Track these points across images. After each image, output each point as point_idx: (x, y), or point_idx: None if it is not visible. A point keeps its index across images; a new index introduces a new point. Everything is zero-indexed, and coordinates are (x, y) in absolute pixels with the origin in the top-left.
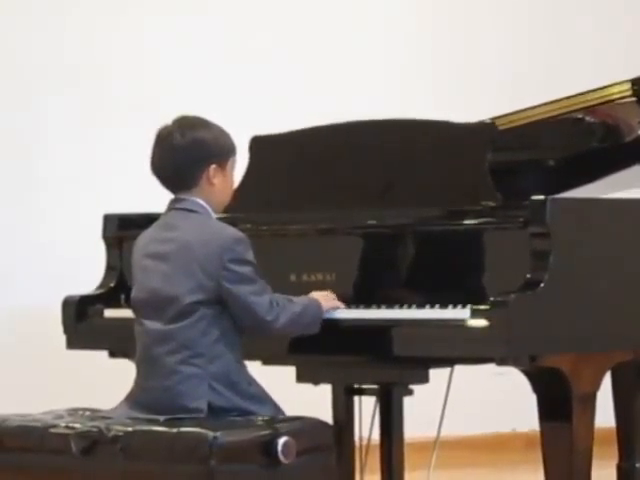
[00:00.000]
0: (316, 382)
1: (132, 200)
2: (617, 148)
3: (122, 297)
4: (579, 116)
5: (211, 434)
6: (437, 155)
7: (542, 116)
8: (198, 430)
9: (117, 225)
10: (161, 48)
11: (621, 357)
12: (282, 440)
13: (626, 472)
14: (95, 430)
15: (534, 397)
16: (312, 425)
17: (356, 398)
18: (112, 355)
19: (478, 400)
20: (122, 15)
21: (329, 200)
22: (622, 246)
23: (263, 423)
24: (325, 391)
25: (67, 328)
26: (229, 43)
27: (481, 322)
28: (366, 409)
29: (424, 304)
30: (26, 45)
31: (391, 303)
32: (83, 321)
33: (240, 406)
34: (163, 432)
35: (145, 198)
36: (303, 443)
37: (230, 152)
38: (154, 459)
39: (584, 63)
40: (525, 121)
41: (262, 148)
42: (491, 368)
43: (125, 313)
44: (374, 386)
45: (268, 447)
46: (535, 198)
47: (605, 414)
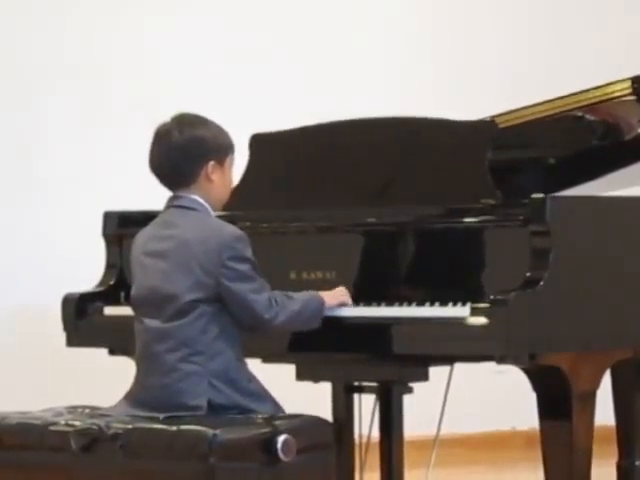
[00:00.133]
0: (316, 380)
1: (132, 200)
2: (617, 146)
3: (122, 295)
4: (579, 114)
5: (211, 432)
6: (437, 153)
7: (542, 114)
8: (198, 428)
9: (117, 222)
10: (161, 48)
11: (621, 355)
12: (282, 438)
13: (626, 470)
14: (95, 428)
15: (534, 395)
16: (312, 423)
17: (356, 396)
18: (112, 353)
19: (478, 398)
20: (122, 15)
21: (329, 198)
22: (622, 244)
23: (263, 421)
24: (325, 389)
25: (67, 326)
26: (229, 43)
27: (481, 320)
28: (366, 407)
29: (424, 302)
30: (26, 45)
31: (391, 301)
32: (83, 319)
33: (240, 403)
34: (163, 430)
35: (145, 198)
36: (303, 441)
37: (229, 149)
38: (154, 457)
39: (584, 63)
40: (525, 119)
41: (262, 146)
42: (491, 366)
43: (125, 311)
44: (374, 384)
45: (268, 445)
46: (535, 196)
47: (605, 412)
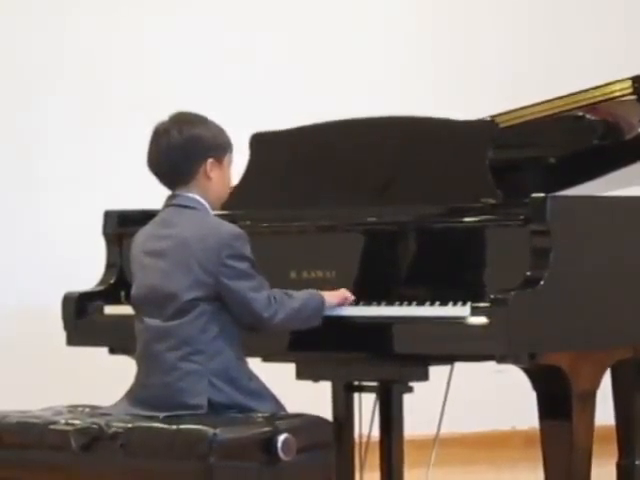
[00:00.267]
0: (316, 379)
1: (132, 200)
2: (617, 146)
3: (122, 294)
4: (580, 114)
5: (211, 431)
6: (438, 152)
7: (542, 114)
8: (198, 427)
9: (117, 222)
10: (161, 48)
11: (621, 355)
12: (282, 437)
13: (626, 470)
14: (95, 427)
15: (534, 395)
16: (312, 422)
17: (356, 395)
18: (112, 352)
19: (478, 398)
20: (122, 15)
21: (329, 197)
22: (622, 244)
23: (263, 420)
24: (325, 388)
25: (67, 325)
26: (229, 43)
27: (481, 320)
28: (366, 406)
29: (424, 301)
30: (26, 45)
31: (391, 300)
32: (83, 318)
33: (240, 402)
34: (163, 429)
35: (145, 198)
36: (303, 440)
37: (227, 148)
38: (154, 456)
39: (584, 63)
40: (526, 119)
41: (262, 145)
42: (491, 366)
43: (125, 310)
44: (374, 383)
45: (268, 444)
46: (535, 196)
47: (605, 412)
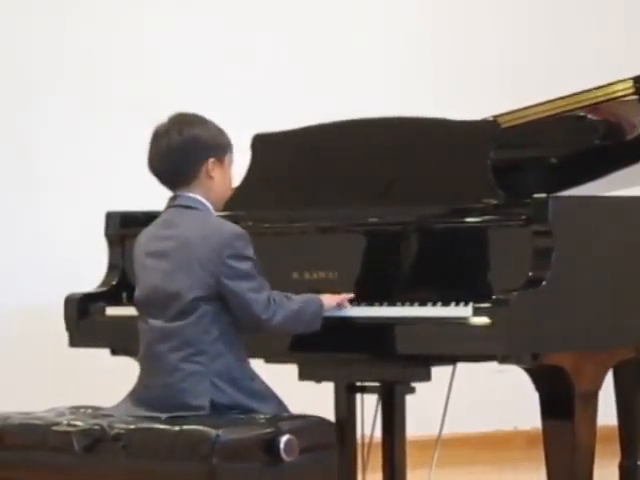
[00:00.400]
0: (318, 380)
1: (132, 200)
2: (619, 146)
3: (124, 295)
4: (581, 114)
5: (213, 432)
6: (439, 153)
7: (544, 114)
8: (200, 428)
9: (119, 223)
10: (161, 48)
11: (623, 355)
12: (284, 438)
13: (628, 470)
14: (97, 428)
15: (536, 395)
16: (314, 423)
17: (358, 396)
18: (114, 353)
19: (480, 398)
20: (122, 15)
21: (331, 198)
22: (624, 244)
23: (265, 421)
24: (327, 389)
25: (69, 326)
26: (229, 43)
27: (483, 320)
28: (368, 407)
29: (426, 302)
30: (26, 45)
31: (393, 301)
32: (85, 319)
33: (242, 403)
34: (165, 430)
35: (145, 198)
36: (305, 441)
37: (227, 148)
38: (156, 457)
39: (584, 63)
40: (527, 119)
41: (264, 146)
42: (492, 366)
43: (127, 311)
44: (376, 384)
45: (270, 445)
46: (537, 196)
47: (607, 412)
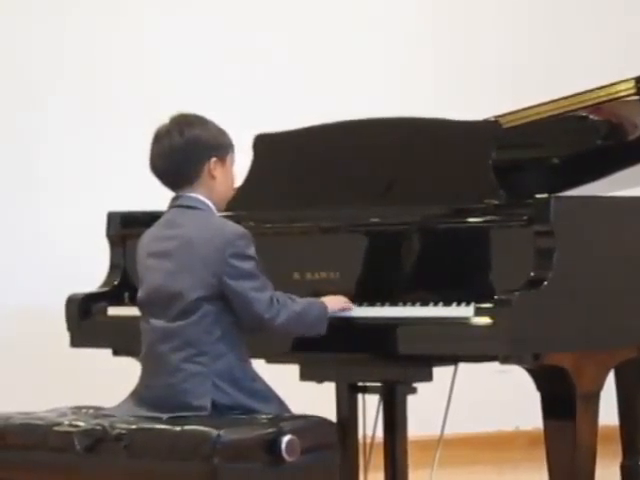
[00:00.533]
0: (320, 380)
1: (132, 200)
2: (621, 146)
3: (126, 295)
4: (583, 114)
5: (215, 432)
6: (441, 153)
7: (546, 114)
8: (201, 428)
9: (121, 223)
10: (161, 48)
11: (625, 355)
12: (286, 438)
13: (630, 470)
14: (99, 428)
15: (537, 395)
16: (316, 423)
17: (360, 396)
18: (115, 353)
19: (481, 398)
20: (122, 15)
21: (333, 198)
22: (626, 244)
23: (267, 421)
24: (329, 389)
25: (71, 326)
26: (229, 43)
27: (485, 320)
28: (370, 407)
29: (428, 302)
30: (26, 45)
31: (395, 301)
32: (87, 319)
33: (244, 404)
34: (166, 430)
35: (145, 198)
36: (307, 441)
37: (229, 147)
38: (157, 457)
39: (584, 63)
40: (529, 119)
41: (266, 146)
42: (494, 366)
43: (129, 311)
44: (378, 384)
45: (272, 445)
46: (539, 196)
47: (609, 412)
